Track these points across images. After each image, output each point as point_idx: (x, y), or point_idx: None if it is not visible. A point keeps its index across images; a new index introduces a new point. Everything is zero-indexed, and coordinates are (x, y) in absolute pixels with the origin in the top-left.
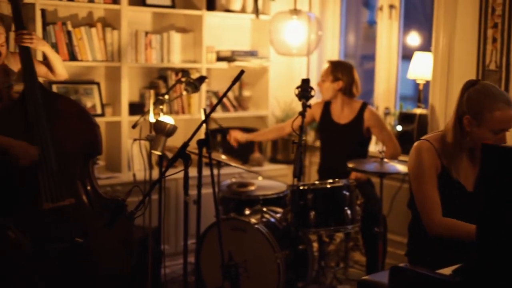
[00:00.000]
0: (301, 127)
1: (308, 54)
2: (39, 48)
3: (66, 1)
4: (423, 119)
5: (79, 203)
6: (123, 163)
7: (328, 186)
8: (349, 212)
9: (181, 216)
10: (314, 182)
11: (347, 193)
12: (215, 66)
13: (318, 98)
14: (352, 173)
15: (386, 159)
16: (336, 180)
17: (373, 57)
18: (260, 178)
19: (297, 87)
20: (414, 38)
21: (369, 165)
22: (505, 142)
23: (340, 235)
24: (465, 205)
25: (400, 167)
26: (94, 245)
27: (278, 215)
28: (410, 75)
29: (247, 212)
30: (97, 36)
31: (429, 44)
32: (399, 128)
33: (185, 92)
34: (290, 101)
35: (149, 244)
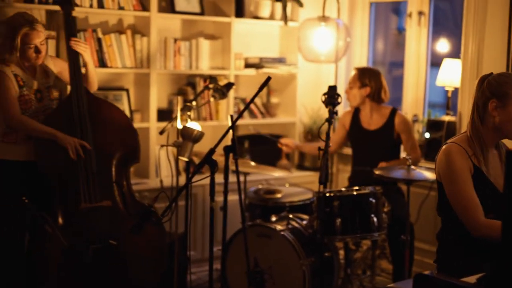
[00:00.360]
0: (327, 134)
1: (336, 61)
2: (86, 57)
3: (97, 8)
4: (452, 126)
5: (115, 206)
6: (151, 169)
7: (354, 193)
8: (375, 220)
9: (207, 223)
10: (341, 189)
11: (374, 200)
12: (243, 73)
13: (346, 106)
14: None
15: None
16: (363, 187)
17: (402, 64)
18: (287, 185)
19: (324, 94)
20: (443, 45)
21: (396, 172)
22: None
23: (367, 243)
24: (498, 205)
25: (428, 174)
26: (127, 250)
27: (304, 222)
28: (439, 82)
29: (273, 219)
30: (127, 43)
31: (458, 51)
32: (427, 135)
33: (213, 99)
34: (318, 108)
35: (176, 250)
